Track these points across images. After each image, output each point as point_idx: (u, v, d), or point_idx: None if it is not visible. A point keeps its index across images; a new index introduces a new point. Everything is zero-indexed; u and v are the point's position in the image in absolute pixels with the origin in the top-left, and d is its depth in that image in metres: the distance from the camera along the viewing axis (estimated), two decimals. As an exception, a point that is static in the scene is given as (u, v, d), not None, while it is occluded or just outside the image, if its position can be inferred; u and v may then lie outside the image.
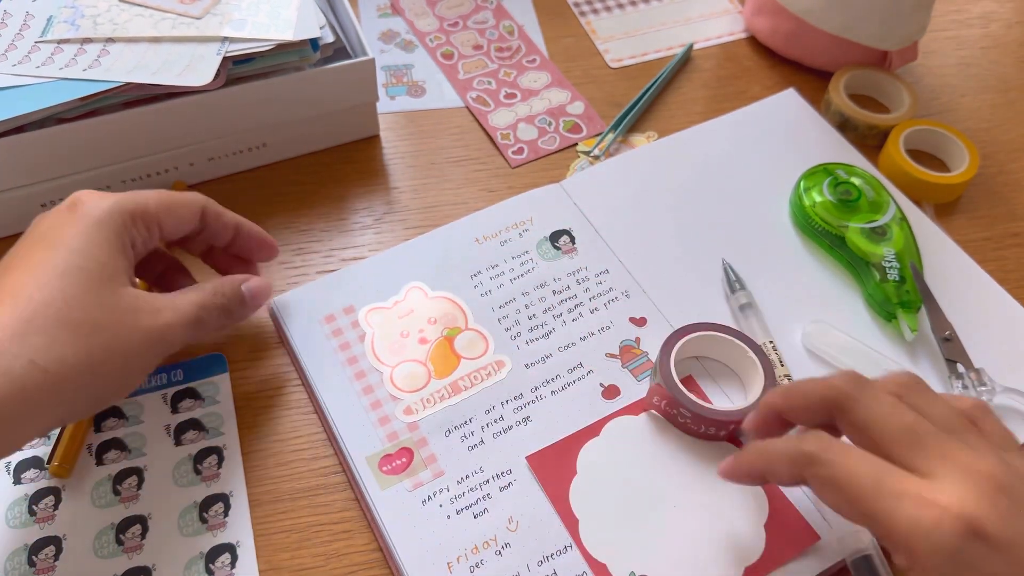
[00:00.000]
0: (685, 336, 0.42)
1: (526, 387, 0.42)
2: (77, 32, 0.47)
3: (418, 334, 0.44)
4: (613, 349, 0.44)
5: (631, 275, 0.47)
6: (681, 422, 0.40)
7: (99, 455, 0.40)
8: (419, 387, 0.42)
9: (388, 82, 0.59)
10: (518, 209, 0.50)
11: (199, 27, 0.47)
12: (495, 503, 0.39)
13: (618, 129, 0.56)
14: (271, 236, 0.44)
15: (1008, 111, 0.60)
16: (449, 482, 0.39)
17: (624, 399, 0.42)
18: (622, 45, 0.63)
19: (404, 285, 0.46)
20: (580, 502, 0.39)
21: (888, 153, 0.54)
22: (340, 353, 0.43)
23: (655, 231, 0.49)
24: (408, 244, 0.48)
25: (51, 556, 0.38)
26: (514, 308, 0.45)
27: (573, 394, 0.42)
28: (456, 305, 0.46)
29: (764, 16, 0.61)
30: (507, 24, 0.63)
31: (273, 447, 0.42)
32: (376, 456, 0.40)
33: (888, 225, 0.47)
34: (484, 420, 0.41)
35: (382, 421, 0.41)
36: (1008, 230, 0.53)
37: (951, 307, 0.46)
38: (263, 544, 0.39)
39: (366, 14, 0.63)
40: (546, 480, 0.39)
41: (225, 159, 0.51)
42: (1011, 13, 0.68)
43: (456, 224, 0.49)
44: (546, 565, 0.37)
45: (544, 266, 0.47)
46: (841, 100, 0.56)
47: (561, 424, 0.41)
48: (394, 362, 0.43)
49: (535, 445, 0.40)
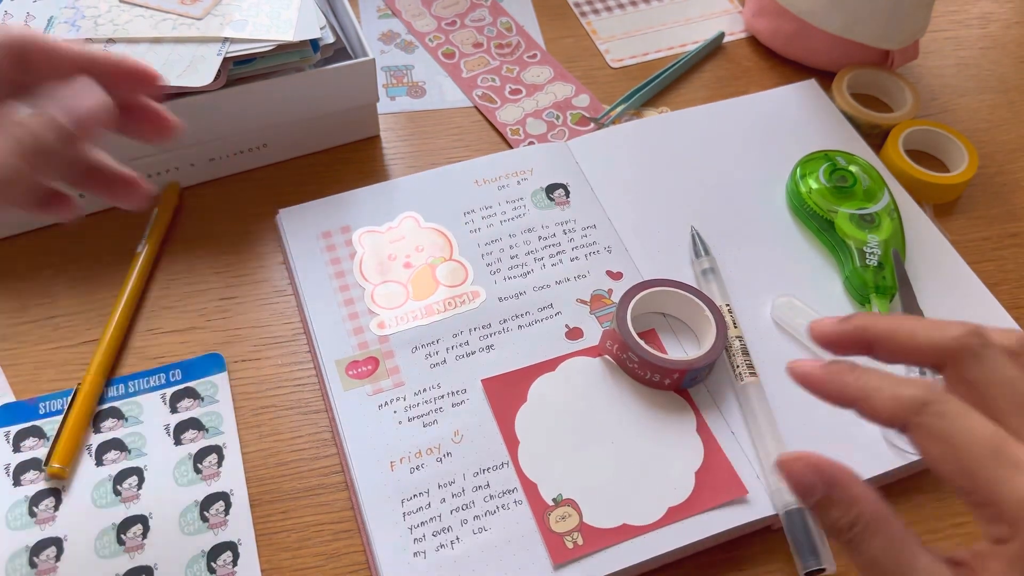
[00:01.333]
0: (647, 289, 0.44)
1: (495, 318, 0.45)
2: (78, 33, 0.47)
3: (404, 259, 0.47)
4: (584, 296, 0.46)
5: (617, 233, 0.49)
6: (630, 367, 0.42)
7: (99, 456, 0.40)
8: (396, 306, 0.45)
9: (388, 83, 0.59)
10: (521, 159, 0.52)
11: (200, 28, 0.47)
12: (445, 416, 0.41)
13: (628, 103, 0.57)
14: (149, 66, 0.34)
15: (1007, 111, 0.60)
16: (407, 392, 0.42)
17: (585, 342, 0.44)
18: (623, 45, 0.63)
19: (400, 213, 0.49)
20: (524, 426, 0.41)
21: (887, 153, 0.54)
22: (330, 267, 0.47)
23: (650, 197, 0.51)
24: (412, 177, 0.51)
25: (52, 557, 0.38)
26: (499, 247, 0.48)
27: (538, 331, 0.45)
28: (445, 237, 0.48)
29: (765, 17, 0.61)
30: (504, 21, 0.63)
31: (273, 447, 0.42)
32: (345, 360, 0.43)
33: (878, 214, 0.48)
34: (450, 343, 0.44)
35: (356, 331, 0.44)
36: (1007, 230, 0.53)
37: (929, 299, 0.47)
38: (264, 543, 0.39)
39: (366, 15, 0.63)
40: (496, 403, 0.42)
41: (226, 160, 0.51)
42: (1010, 13, 0.68)
43: (460, 165, 0.52)
44: (481, 476, 0.40)
45: (535, 213, 0.50)
46: (843, 99, 0.57)
47: (521, 356, 0.44)
48: (377, 281, 0.46)
49: (493, 371, 0.43)
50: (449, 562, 0.37)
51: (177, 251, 0.49)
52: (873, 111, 0.56)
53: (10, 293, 0.46)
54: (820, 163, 0.50)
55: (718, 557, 0.39)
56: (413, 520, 0.38)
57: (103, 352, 0.43)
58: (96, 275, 0.47)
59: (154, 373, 0.43)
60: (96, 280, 0.47)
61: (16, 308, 0.46)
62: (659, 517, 0.38)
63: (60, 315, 0.46)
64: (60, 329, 0.45)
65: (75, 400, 0.41)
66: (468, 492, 0.39)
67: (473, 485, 0.39)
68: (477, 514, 0.39)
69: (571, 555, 0.37)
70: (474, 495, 0.39)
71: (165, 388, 0.43)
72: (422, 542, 0.38)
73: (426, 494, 0.39)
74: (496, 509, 0.39)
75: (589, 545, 0.37)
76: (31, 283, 0.47)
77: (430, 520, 0.38)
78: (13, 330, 0.45)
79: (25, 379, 0.43)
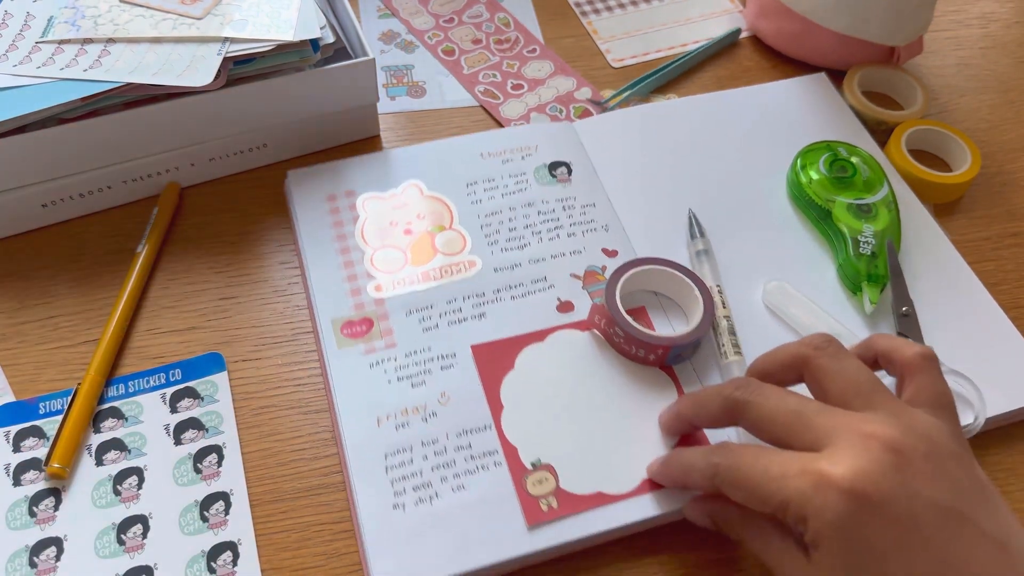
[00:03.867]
0: (638, 267, 0.45)
1: (489, 288, 0.46)
2: (78, 32, 0.47)
3: (405, 225, 0.48)
4: (578, 271, 0.47)
5: (616, 213, 0.50)
6: (616, 342, 0.43)
7: (99, 456, 0.40)
8: (394, 270, 0.46)
9: (388, 83, 0.59)
10: (527, 136, 0.53)
11: (200, 28, 0.47)
12: (433, 378, 0.42)
13: (634, 89, 0.58)
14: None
15: (1007, 111, 0.60)
16: (398, 354, 0.43)
17: (575, 316, 0.45)
18: (623, 45, 0.63)
19: (404, 181, 0.50)
20: (509, 392, 0.42)
21: (890, 151, 0.54)
22: (332, 229, 0.48)
23: (651, 180, 0.52)
24: (419, 146, 0.52)
25: (52, 557, 0.38)
26: (498, 219, 0.49)
27: (531, 302, 0.46)
28: (446, 206, 0.49)
29: (769, 18, 0.61)
30: (502, 16, 0.63)
31: (273, 447, 0.42)
32: (340, 320, 0.44)
33: (876, 205, 0.48)
34: (444, 309, 0.45)
35: (354, 292, 0.45)
36: (1007, 230, 0.53)
37: (920, 290, 0.47)
38: (264, 543, 0.39)
39: (366, 15, 0.63)
40: (484, 368, 0.43)
41: (226, 159, 0.51)
42: (1011, 13, 0.68)
43: (467, 137, 0.53)
44: (464, 437, 0.41)
45: (537, 189, 0.50)
46: (853, 95, 0.57)
47: (512, 325, 0.45)
48: (377, 245, 0.47)
49: (483, 338, 0.44)
50: (427, 516, 0.38)
51: (177, 251, 0.49)
52: (883, 108, 0.57)
53: (10, 293, 0.46)
54: (821, 153, 0.51)
55: (691, 532, 0.40)
56: (395, 474, 0.39)
57: (103, 352, 0.43)
58: (96, 275, 0.47)
59: (154, 373, 0.43)
60: (96, 280, 0.47)
61: (16, 308, 0.46)
62: (634, 487, 0.39)
63: (60, 315, 0.46)
64: (60, 329, 0.45)
65: (75, 400, 0.41)
66: (450, 451, 0.40)
67: (456, 445, 0.40)
68: (457, 473, 0.40)
69: (545, 517, 0.38)
70: (456, 455, 0.40)
71: (165, 388, 0.43)
72: (402, 495, 0.39)
73: (409, 451, 0.40)
74: (476, 469, 0.40)
75: (563, 509, 0.38)
76: (31, 283, 0.47)
77: (412, 475, 0.39)
78: (13, 330, 0.45)
79: (25, 379, 0.43)
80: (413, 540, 0.37)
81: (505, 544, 0.37)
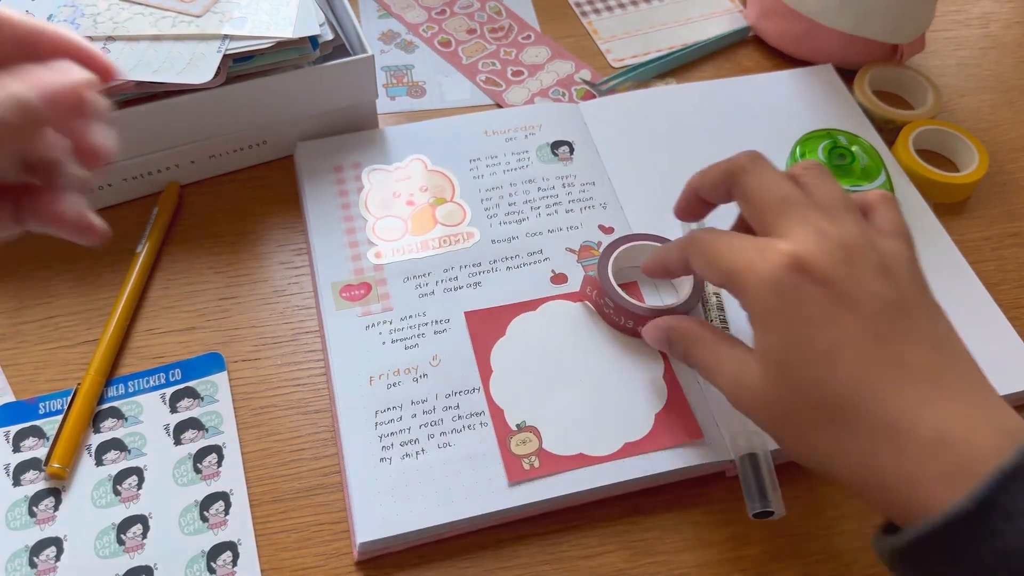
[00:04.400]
0: (631, 242, 0.45)
1: (486, 258, 0.47)
2: (77, 31, 0.46)
3: (408, 196, 0.50)
4: (574, 245, 0.48)
5: (614, 191, 0.51)
6: (606, 312, 0.44)
7: (99, 456, 0.40)
8: (394, 238, 0.48)
9: (388, 82, 0.59)
10: (531, 115, 0.54)
11: (199, 25, 0.47)
12: (426, 341, 0.44)
13: (632, 73, 0.59)
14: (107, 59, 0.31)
15: (1007, 111, 0.60)
16: (394, 317, 0.45)
17: (568, 287, 0.46)
18: (624, 45, 0.63)
19: (409, 155, 0.52)
20: (498, 358, 0.43)
21: (897, 151, 0.54)
22: (338, 198, 0.49)
23: (651, 162, 0.52)
24: (425, 123, 0.54)
25: (52, 557, 0.38)
26: (498, 194, 0.50)
27: (525, 273, 0.47)
28: (448, 180, 0.51)
29: (772, 19, 0.61)
30: (493, 5, 0.64)
31: (273, 447, 0.42)
32: (340, 284, 0.46)
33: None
34: (440, 276, 0.46)
35: (354, 258, 0.47)
36: (1007, 230, 0.53)
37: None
38: (264, 544, 0.39)
39: (366, 15, 0.63)
40: (476, 333, 0.44)
41: (226, 157, 0.51)
42: (1011, 13, 0.68)
43: (472, 115, 0.55)
44: (452, 398, 0.42)
45: (538, 166, 0.52)
46: (863, 93, 0.57)
47: (506, 294, 0.46)
48: (380, 215, 0.49)
49: (477, 306, 0.45)
50: (412, 470, 0.39)
51: (177, 251, 0.49)
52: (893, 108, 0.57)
53: (10, 293, 0.46)
54: (821, 140, 0.51)
55: (670, 495, 0.40)
56: (384, 430, 0.41)
57: (103, 352, 0.43)
58: (96, 275, 0.47)
59: (154, 373, 0.43)
60: (96, 280, 0.47)
61: (16, 308, 0.46)
62: (615, 451, 0.40)
63: (60, 315, 0.45)
64: (60, 329, 0.45)
65: (75, 400, 0.41)
66: (438, 411, 0.41)
67: (444, 405, 0.42)
68: (444, 431, 0.41)
69: (526, 475, 0.39)
70: (443, 414, 0.41)
71: (165, 388, 0.43)
72: (390, 450, 0.40)
73: (399, 408, 0.41)
74: (463, 428, 0.41)
75: (544, 468, 0.40)
76: (31, 283, 0.47)
77: (400, 432, 0.41)
78: (13, 330, 0.45)
79: (25, 379, 0.43)
80: (397, 491, 0.39)
81: (486, 499, 0.39)
